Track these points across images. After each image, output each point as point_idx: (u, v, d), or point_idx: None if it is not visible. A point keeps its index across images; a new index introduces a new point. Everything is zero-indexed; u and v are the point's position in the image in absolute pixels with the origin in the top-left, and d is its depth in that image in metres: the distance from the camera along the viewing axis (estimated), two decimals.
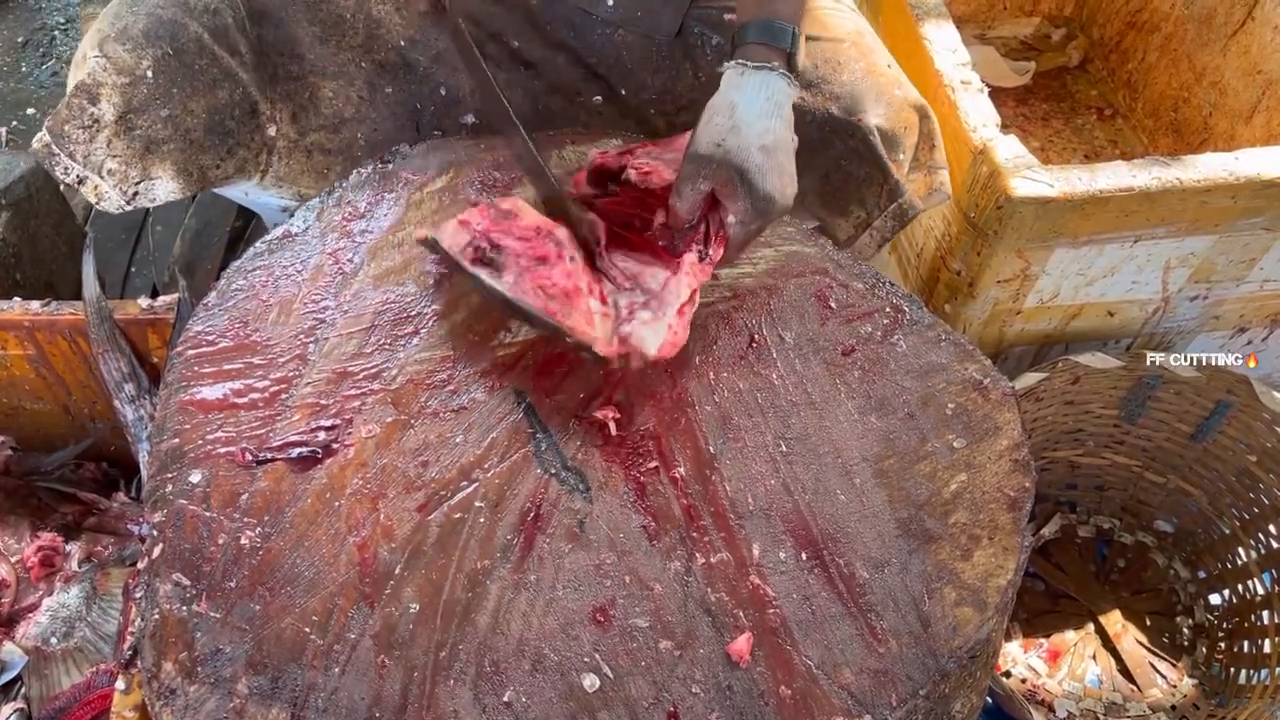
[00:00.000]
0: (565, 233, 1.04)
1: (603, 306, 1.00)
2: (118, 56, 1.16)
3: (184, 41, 1.18)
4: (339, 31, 1.27)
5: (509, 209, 1.05)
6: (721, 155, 0.99)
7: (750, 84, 1.01)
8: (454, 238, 1.02)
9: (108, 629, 1.26)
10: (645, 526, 0.92)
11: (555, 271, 0.99)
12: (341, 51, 1.27)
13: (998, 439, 0.99)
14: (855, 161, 1.27)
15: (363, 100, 1.28)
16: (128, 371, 1.24)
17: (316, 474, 0.94)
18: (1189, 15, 2.11)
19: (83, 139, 1.16)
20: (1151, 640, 1.64)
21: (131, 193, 1.19)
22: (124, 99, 1.16)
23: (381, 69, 1.28)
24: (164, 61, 1.17)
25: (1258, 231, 1.48)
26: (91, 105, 1.15)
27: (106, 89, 1.16)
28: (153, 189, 1.20)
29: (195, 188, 1.23)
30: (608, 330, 0.99)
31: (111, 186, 1.18)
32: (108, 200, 1.19)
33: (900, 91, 1.30)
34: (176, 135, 1.19)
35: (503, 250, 1.01)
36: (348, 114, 1.28)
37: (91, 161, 1.16)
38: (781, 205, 1.01)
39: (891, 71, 1.32)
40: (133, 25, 1.17)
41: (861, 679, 0.84)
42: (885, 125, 1.26)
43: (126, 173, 1.18)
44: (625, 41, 1.31)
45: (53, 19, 2.75)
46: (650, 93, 1.33)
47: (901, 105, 1.28)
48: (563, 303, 0.98)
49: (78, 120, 1.16)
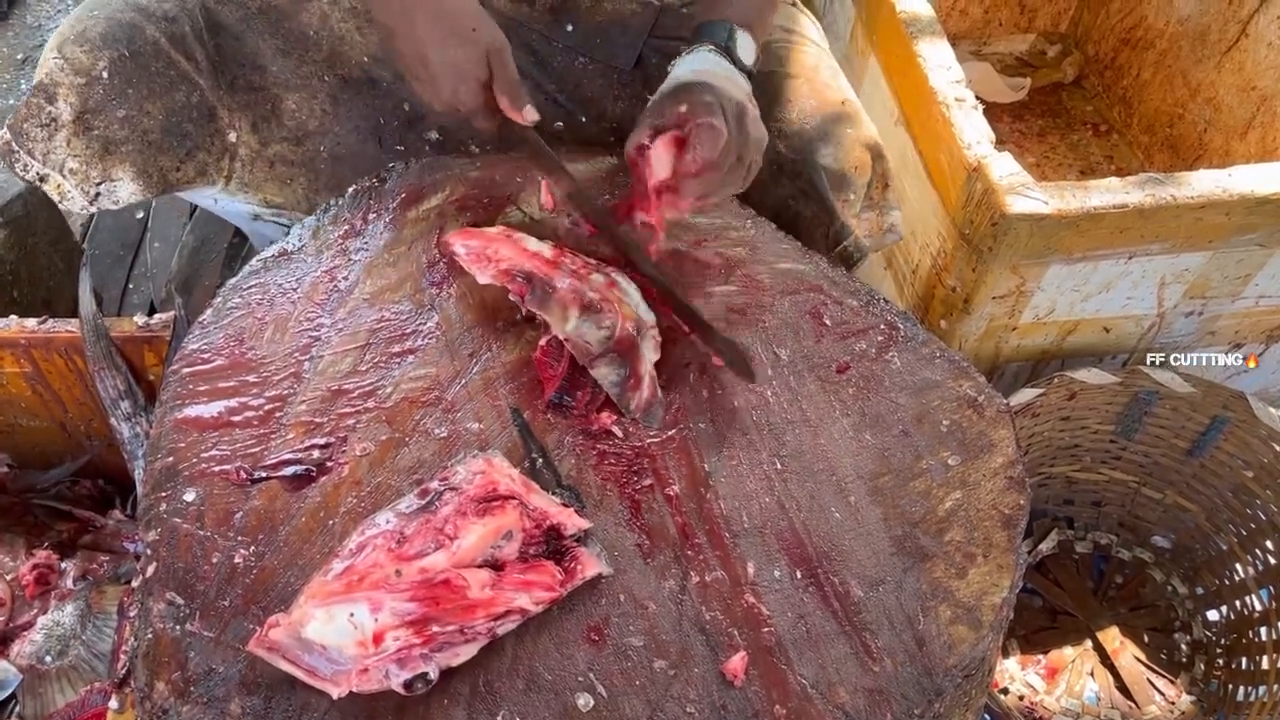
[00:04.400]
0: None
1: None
2: (75, 57, 1.17)
3: (140, 44, 1.19)
4: (302, 46, 1.28)
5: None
6: (659, 94, 1.09)
7: (683, 58, 1.12)
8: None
9: (102, 647, 1.26)
10: (640, 544, 0.92)
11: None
12: (304, 65, 1.28)
13: (993, 456, 0.99)
14: (802, 201, 1.27)
15: (326, 114, 1.29)
16: (124, 389, 1.24)
17: (310, 492, 0.94)
18: (1183, 31, 2.12)
19: (41, 137, 1.18)
20: (1149, 657, 1.64)
21: (93, 193, 1.21)
22: (80, 99, 1.18)
23: (345, 83, 1.29)
24: (120, 63, 1.18)
25: (1252, 248, 1.48)
26: (49, 104, 1.17)
27: (63, 89, 1.17)
28: (115, 190, 1.22)
29: (156, 190, 1.24)
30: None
31: (73, 186, 1.20)
32: (70, 200, 1.21)
33: (851, 130, 1.29)
34: (134, 136, 1.20)
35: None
36: (311, 126, 1.29)
37: (51, 160, 1.18)
38: (730, 96, 1.04)
39: (845, 109, 1.31)
40: (91, 28, 1.19)
41: (856, 698, 0.84)
42: (833, 165, 1.26)
43: (87, 173, 1.19)
44: (585, 70, 1.32)
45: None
46: (610, 120, 1.34)
47: (852, 144, 1.28)
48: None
49: (36, 119, 1.17)
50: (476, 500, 0.87)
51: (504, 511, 0.87)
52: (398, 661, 0.80)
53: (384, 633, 0.80)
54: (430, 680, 0.81)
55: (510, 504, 0.88)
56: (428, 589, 0.82)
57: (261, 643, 0.79)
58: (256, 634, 0.79)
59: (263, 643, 0.79)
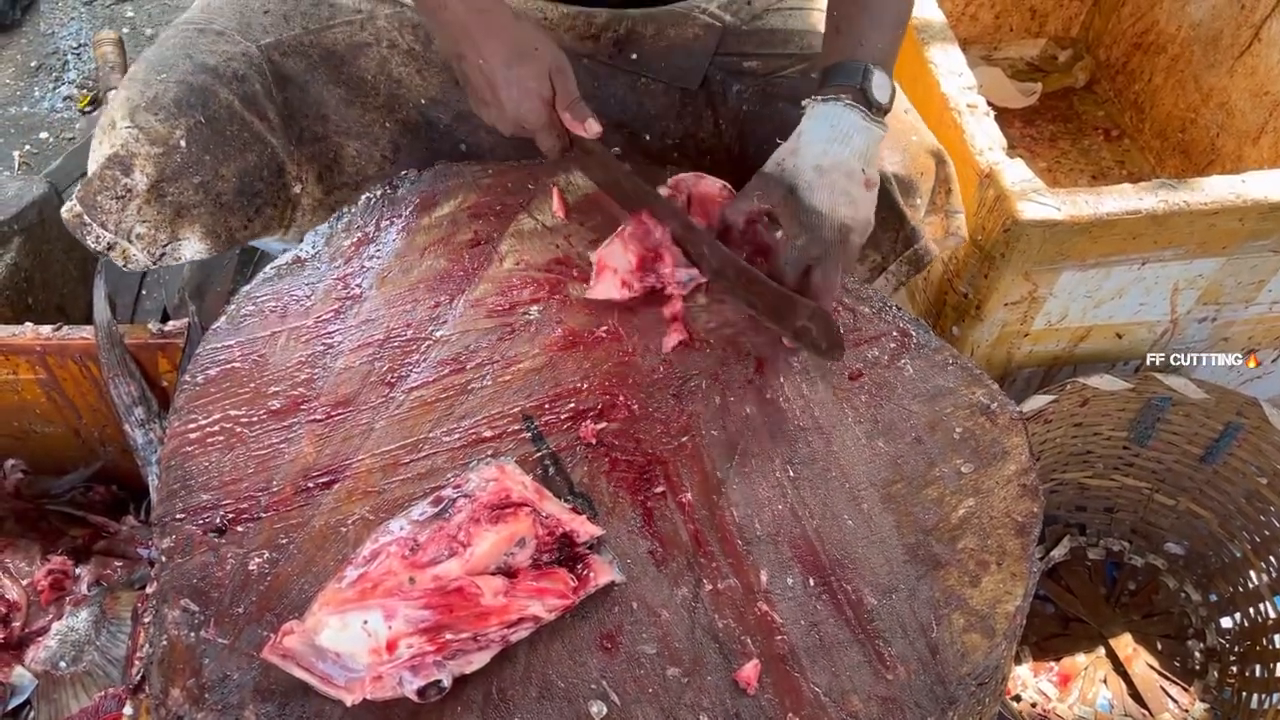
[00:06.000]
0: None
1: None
2: (150, 126, 1.15)
3: (216, 109, 1.17)
4: (363, 93, 1.27)
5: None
6: (778, 173, 1.07)
7: (817, 114, 1.07)
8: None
9: (116, 653, 1.27)
10: (652, 552, 0.92)
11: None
12: (367, 113, 1.28)
13: (1005, 464, 0.99)
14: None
15: (386, 159, 1.29)
16: (138, 395, 1.25)
17: (324, 499, 0.94)
18: (1195, 36, 2.12)
19: (114, 209, 1.16)
20: (1163, 664, 1.63)
21: (159, 254, 1.19)
22: (157, 169, 1.16)
23: (404, 128, 1.29)
24: (197, 130, 1.16)
25: (1266, 254, 1.47)
26: (125, 176, 1.15)
27: (140, 159, 1.15)
28: (179, 249, 1.20)
29: (222, 247, 1.23)
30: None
31: (139, 250, 1.18)
32: (134, 262, 1.19)
33: (916, 138, 1.30)
34: (207, 200, 1.19)
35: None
36: (370, 172, 1.29)
37: (122, 229, 1.17)
38: (832, 221, 1.03)
39: (908, 118, 1.33)
40: (164, 94, 1.16)
41: (870, 706, 0.84)
42: (901, 172, 1.27)
43: (155, 236, 1.18)
44: (648, 89, 1.32)
45: (65, 44, 2.78)
46: (672, 139, 1.34)
47: (918, 151, 1.29)
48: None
49: (110, 191, 1.16)
50: (489, 507, 0.87)
51: (517, 519, 0.87)
52: (411, 669, 0.80)
53: (397, 640, 0.80)
54: (444, 688, 0.81)
55: (523, 511, 0.88)
56: (441, 596, 0.82)
57: (276, 650, 0.79)
58: (271, 641, 0.80)
59: (277, 650, 0.79)
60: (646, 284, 1.10)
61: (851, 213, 1.05)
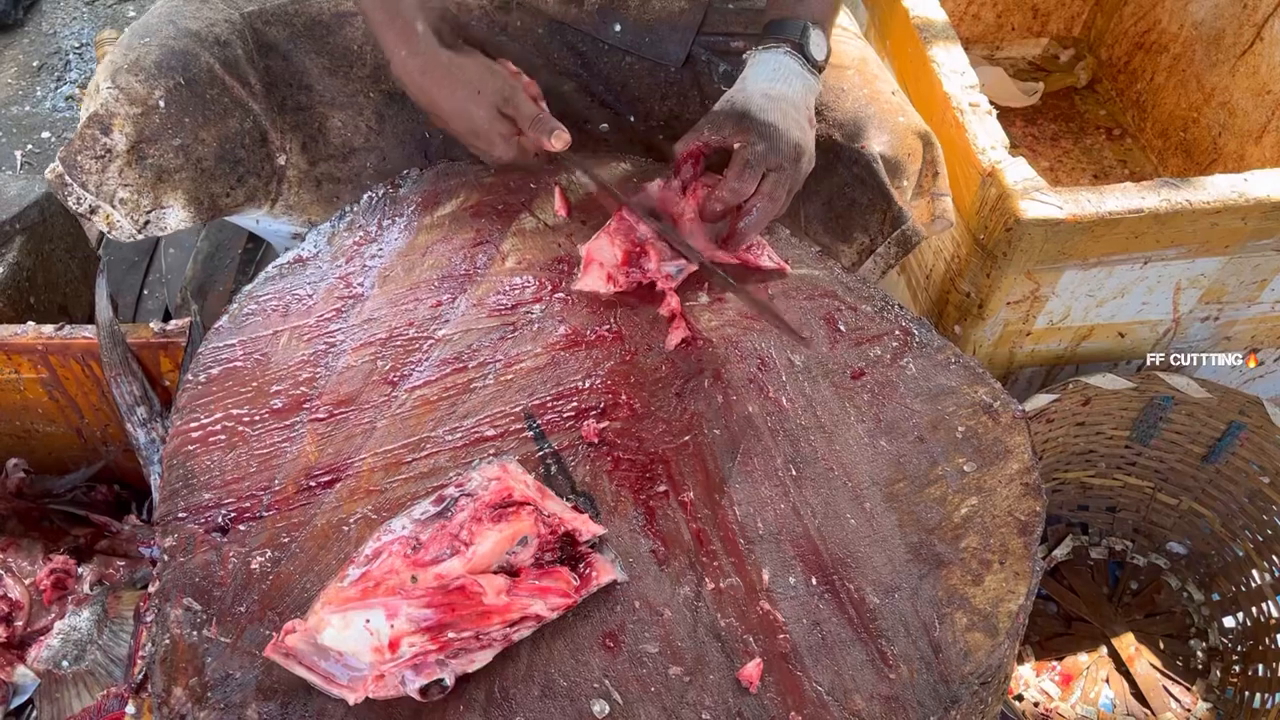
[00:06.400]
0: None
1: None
2: (130, 87, 1.16)
3: (196, 72, 1.18)
4: (347, 63, 1.27)
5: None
6: (727, 107, 1.12)
7: (759, 60, 1.14)
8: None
9: (119, 652, 1.27)
10: (654, 551, 0.92)
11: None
12: (350, 82, 1.28)
13: (1008, 463, 0.99)
14: (858, 188, 1.28)
15: (371, 130, 1.29)
16: (140, 395, 1.25)
17: (326, 498, 0.94)
18: (1197, 36, 2.11)
19: (95, 169, 1.17)
20: (1165, 663, 1.63)
21: (143, 221, 1.20)
22: (136, 129, 1.17)
23: (390, 99, 1.29)
24: (176, 91, 1.17)
25: (1268, 253, 1.47)
26: (104, 135, 1.16)
27: (119, 119, 1.16)
28: (164, 218, 1.21)
29: (206, 216, 1.24)
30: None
31: (123, 215, 1.19)
32: (119, 229, 1.20)
33: (903, 119, 1.30)
34: (188, 164, 1.19)
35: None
36: (357, 143, 1.29)
37: (104, 191, 1.17)
38: (788, 137, 1.07)
39: (895, 99, 1.33)
40: (145, 56, 1.17)
41: (872, 705, 0.84)
42: (888, 152, 1.27)
43: (138, 201, 1.19)
44: (632, 69, 1.32)
45: (67, 43, 2.78)
46: (657, 119, 1.34)
47: (905, 132, 1.29)
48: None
49: (90, 150, 1.16)
50: (491, 506, 0.87)
51: (519, 518, 0.87)
52: (413, 668, 0.80)
53: (400, 639, 0.80)
54: (446, 686, 0.81)
55: (525, 510, 0.88)
56: (443, 595, 0.82)
57: (278, 648, 0.79)
58: (273, 640, 0.80)
59: (279, 648, 0.79)
60: (633, 278, 1.11)
61: (802, 136, 1.11)
